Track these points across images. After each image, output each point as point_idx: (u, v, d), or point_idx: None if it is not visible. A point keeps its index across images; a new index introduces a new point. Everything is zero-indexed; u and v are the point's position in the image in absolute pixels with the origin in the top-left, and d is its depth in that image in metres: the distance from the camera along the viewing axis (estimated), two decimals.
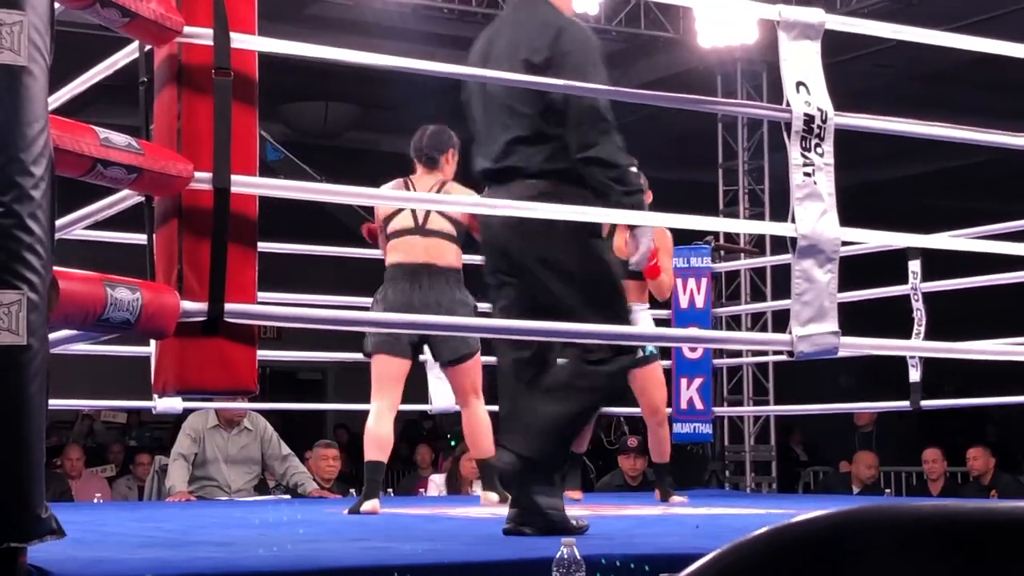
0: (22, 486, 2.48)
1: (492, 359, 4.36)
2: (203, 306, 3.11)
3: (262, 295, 3.35)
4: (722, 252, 8.41)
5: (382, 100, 11.65)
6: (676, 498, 6.30)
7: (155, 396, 6.03)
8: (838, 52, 8.39)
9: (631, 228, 3.97)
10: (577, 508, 5.94)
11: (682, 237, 7.52)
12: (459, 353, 5.62)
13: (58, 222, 2.78)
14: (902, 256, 6.64)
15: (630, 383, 5.74)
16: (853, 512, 0.85)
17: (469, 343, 5.62)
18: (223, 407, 7.19)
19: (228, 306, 3.13)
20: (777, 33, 3.99)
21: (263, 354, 3.34)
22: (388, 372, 5.52)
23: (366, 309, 5.82)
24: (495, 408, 5.63)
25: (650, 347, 6.16)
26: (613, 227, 5.74)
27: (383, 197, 5.34)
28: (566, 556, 2.79)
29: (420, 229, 5.58)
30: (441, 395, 6.97)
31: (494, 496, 5.62)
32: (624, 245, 5.36)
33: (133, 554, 3.22)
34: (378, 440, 5.52)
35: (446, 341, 5.58)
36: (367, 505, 5.41)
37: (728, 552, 0.81)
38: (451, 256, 5.58)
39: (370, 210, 6.04)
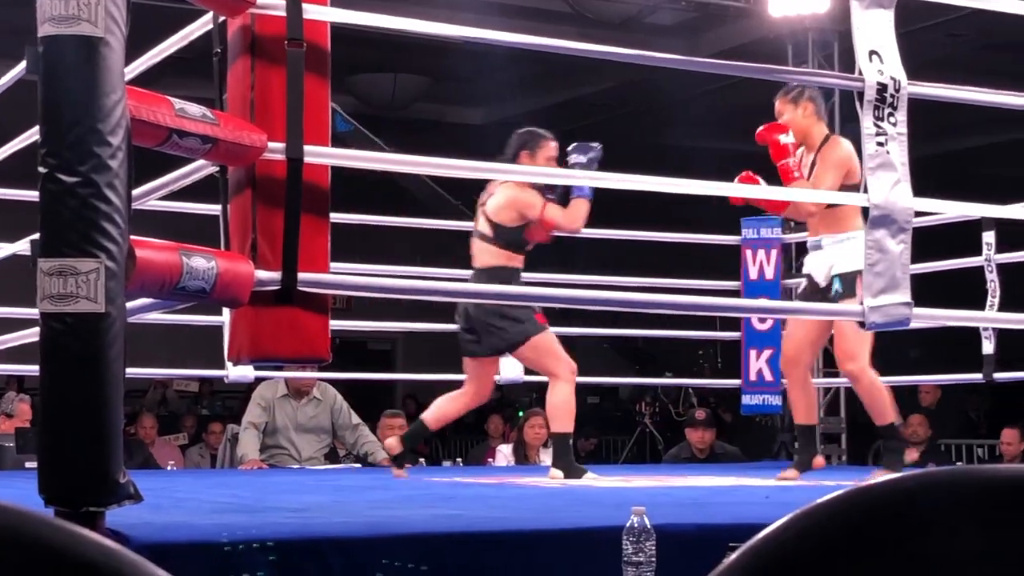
0: (101, 451, 2.52)
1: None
2: (277, 275, 3.14)
3: (333, 266, 3.38)
4: (792, 223, 8.34)
5: (450, 71, 11.66)
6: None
7: (228, 364, 6.10)
8: (911, 22, 8.29)
9: None
10: (650, 479, 5.95)
11: (752, 208, 7.46)
12: (496, 348, 5.70)
13: (134, 192, 2.82)
14: (976, 227, 6.56)
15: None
16: (937, 474, 0.85)
17: (512, 334, 5.65)
18: (293, 376, 7.25)
19: (301, 275, 3.16)
20: (849, 2, 3.96)
21: (333, 324, 3.37)
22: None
23: (437, 280, 5.86)
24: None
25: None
26: None
27: (455, 167, 5.35)
28: (636, 525, 2.80)
29: (474, 231, 5.77)
30: (509, 366, 7.01)
31: (559, 473, 5.65)
32: None
33: (209, 519, 3.26)
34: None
35: (487, 336, 5.71)
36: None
37: (806, 514, 0.81)
38: (486, 257, 5.68)
39: (448, 187, 6.08)
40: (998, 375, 6.76)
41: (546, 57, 5.24)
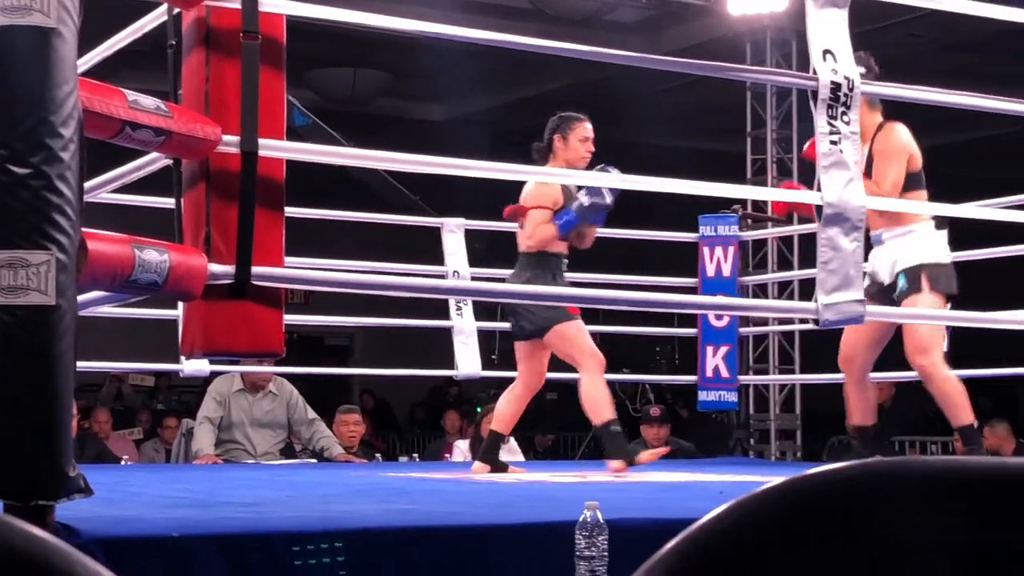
0: (50, 444, 2.50)
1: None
2: (230, 268, 3.14)
3: (289, 260, 3.37)
4: (749, 221, 8.39)
5: (411, 67, 11.64)
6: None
7: (182, 358, 6.07)
8: (870, 21, 8.34)
9: None
10: (605, 475, 5.96)
11: (709, 205, 7.50)
12: (525, 331, 5.67)
13: (87, 184, 2.81)
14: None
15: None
16: (872, 464, 0.86)
17: (539, 319, 5.61)
18: (248, 371, 7.22)
19: (255, 269, 3.15)
20: (805, 1, 3.98)
21: (290, 319, 3.36)
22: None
23: (391, 275, 5.86)
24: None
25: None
26: None
27: (413, 162, 5.35)
28: (589, 519, 2.81)
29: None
30: (467, 361, 7.02)
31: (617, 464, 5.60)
32: None
33: (160, 513, 3.25)
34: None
35: (518, 318, 5.70)
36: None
37: (740, 504, 0.82)
38: (521, 240, 5.74)
39: (407, 183, 6.09)
40: (953, 372, 6.79)
41: (507, 54, 5.25)
